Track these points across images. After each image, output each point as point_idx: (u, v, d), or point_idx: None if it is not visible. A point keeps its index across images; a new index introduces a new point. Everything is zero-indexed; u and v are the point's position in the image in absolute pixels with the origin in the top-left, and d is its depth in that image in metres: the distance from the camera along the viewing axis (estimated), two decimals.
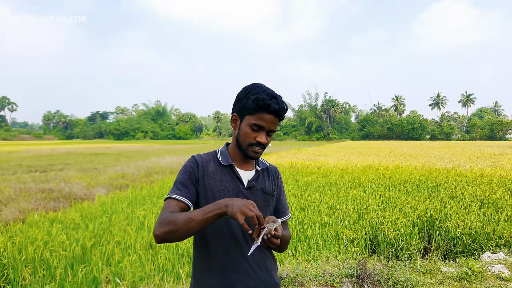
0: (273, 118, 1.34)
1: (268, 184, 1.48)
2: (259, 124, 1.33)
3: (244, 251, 1.36)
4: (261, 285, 1.39)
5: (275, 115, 1.34)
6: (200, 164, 1.39)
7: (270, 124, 1.34)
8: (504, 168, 13.05)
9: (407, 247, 4.75)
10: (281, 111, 1.34)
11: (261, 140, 1.34)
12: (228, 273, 1.35)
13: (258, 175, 1.45)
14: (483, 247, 4.88)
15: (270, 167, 1.55)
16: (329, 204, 7.00)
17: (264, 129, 1.34)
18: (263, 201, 1.43)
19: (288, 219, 1.60)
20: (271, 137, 1.40)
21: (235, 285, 1.35)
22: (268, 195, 1.46)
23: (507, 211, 6.17)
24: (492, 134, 78.30)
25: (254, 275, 1.38)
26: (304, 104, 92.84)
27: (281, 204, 1.56)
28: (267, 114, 1.32)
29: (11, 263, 4.02)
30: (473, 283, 3.46)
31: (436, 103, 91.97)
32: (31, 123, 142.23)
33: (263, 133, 1.35)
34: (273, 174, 1.54)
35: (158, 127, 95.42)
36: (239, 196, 1.37)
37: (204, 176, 1.37)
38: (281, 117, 1.37)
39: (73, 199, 8.17)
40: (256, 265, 1.39)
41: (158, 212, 6.35)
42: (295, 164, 15.49)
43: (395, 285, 3.39)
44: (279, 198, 1.55)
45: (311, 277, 3.42)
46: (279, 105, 1.32)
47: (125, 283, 3.57)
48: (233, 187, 1.37)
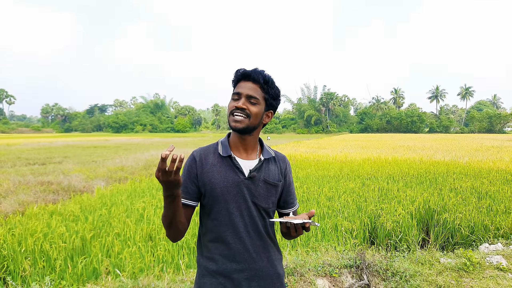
0: (251, 84, 1.36)
1: (272, 174, 1.45)
2: (237, 91, 1.37)
3: (244, 241, 1.37)
4: (261, 274, 1.40)
5: (252, 80, 1.36)
6: (198, 159, 1.40)
7: (247, 90, 1.35)
8: (502, 161, 13.10)
9: (405, 239, 4.78)
10: (254, 74, 1.36)
11: (238, 105, 1.33)
12: (229, 262, 1.36)
13: (261, 165, 1.43)
14: (481, 238, 4.91)
15: (278, 156, 1.52)
16: (328, 196, 7.02)
17: (241, 95, 1.36)
18: (265, 191, 1.42)
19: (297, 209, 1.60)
20: (258, 108, 1.37)
21: (235, 274, 1.36)
22: (271, 186, 1.43)
23: (505, 203, 6.20)
24: (490, 127, 78.36)
25: (254, 265, 1.38)
26: (303, 97, 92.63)
27: (291, 195, 1.54)
28: (243, 82, 1.37)
29: (11, 254, 4.02)
30: (471, 273, 3.48)
31: (435, 96, 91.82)
32: (29, 116, 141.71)
33: (241, 100, 1.35)
34: (281, 163, 1.51)
35: (157, 120, 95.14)
36: (239, 186, 1.37)
37: (202, 170, 1.38)
38: (258, 82, 1.36)
39: (72, 192, 8.18)
40: (257, 254, 1.39)
41: (158, 204, 6.36)
42: (294, 157, 15.52)
43: (394, 275, 3.41)
44: (289, 189, 1.53)
45: (310, 268, 3.44)
46: (252, 70, 1.37)
47: (125, 274, 3.58)
48: (232, 178, 1.37)
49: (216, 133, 79.66)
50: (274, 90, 1.40)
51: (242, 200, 1.37)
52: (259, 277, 1.39)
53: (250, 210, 1.38)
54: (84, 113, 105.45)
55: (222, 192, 1.35)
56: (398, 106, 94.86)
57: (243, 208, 1.37)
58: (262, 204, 1.41)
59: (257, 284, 1.38)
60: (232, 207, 1.36)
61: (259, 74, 1.36)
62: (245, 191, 1.37)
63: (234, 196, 1.36)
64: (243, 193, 1.37)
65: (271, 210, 1.46)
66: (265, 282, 1.40)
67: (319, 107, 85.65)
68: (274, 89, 1.40)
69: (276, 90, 1.41)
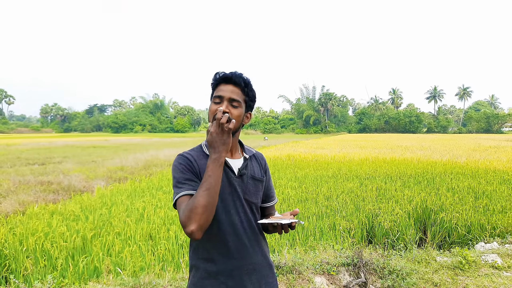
0: (231, 87, 1.38)
1: (257, 171, 1.53)
2: (218, 94, 1.38)
3: (241, 238, 1.42)
4: (258, 268, 1.46)
5: (231, 83, 1.38)
6: (192, 159, 1.40)
7: (229, 93, 1.37)
8: (499, 161, 13.17)
9: (402, 238, 4.84)
10: (234, 76, 1.38)
11: (223, 109, 1.34)
12: (228, 260, 1.40)
13: (247, 163, 1.50)
14: (477, 237, 4.97)
15: (256, 154, 1.60)
16: (326, 196, 7.07)
17: (223, 99, 1.37)
18: (253, 187, 1.49)
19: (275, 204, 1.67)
20: (240, 111, 1.40)
21: (234, 271, 1.40)
22: (258, 181, 1.51)
23: (501, 203, 6.27)
24: (488, 127, 78.47)
25: (251, 259, 1.44)
26: (302, 98, 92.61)
27: (270, 189, 1.62)
28: (223, 85, 1.39)
29: (12, 254, 4.06)
30: (466, 271, 3.54)
31: (433, 96, 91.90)
32: (29, 116, 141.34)
33: (224, 104, 1.37)
34: (260, 161, 1.60)
35: (156, 120, 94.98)
36: (232, 184, 1.42)
37: (199, 169, 1.39)
38: (238, 85, 1.39)
39: (72, 192, 8.21)
40: (253, 249, 1.45)
41: (158, 204, 6.41)
42: (293, 157, 15.56)
43: (391, 273, 3.47)
44: (268, 184, 1.61)
45: (309, 266, 3.49)
46: (232, 73, 1.39)
47: (126, 272, 3.63)
48: (225, 177, 1.41)
49: None
50: (253, 92, 1.45)
51: (236, 197, 1.43)
52: (256, 270, 1.45)
53: (244, 207, 1.44)
54: (83, 113, 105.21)
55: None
56: (396, 106, 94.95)
57: (238, 205, 1.43)
58: (253, 200, 1.48)
59: (256, 277, 1.45)
60: (228, 205, 1.41)
61: (240, 78, 1.39)
62: (238, 188, 1.43)
63: (229, 195, 1.41)
64: (237, 190, 1.43)
65: (259, 205, 1.54)
66: (261, 274, 1.47)
67: (317, 107, 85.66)
68: (252, 91, 1.45)
69: (254, 92, 1.46)
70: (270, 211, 1.62)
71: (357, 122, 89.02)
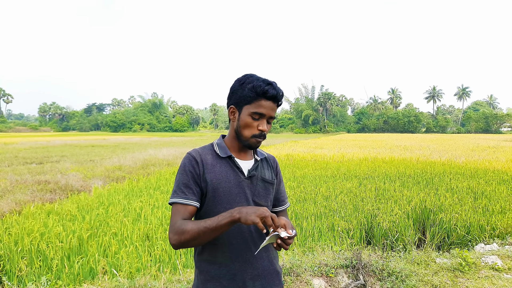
0: (271, 104, 1.35)
1: (267, 173, 1.50)
2: (259, 111, 1.34)
3: (247, 241, 1.38)
4: (263, 274, 1.41)
5: (273, 101, 1.35)
6: (199, 160, 1.38)
7: (270, 111, 1.35)
8: (498, 161, 13.16)
9: (402, 239, 4.80)
10: (278, 96, 1.36)
11: (263, 128, 1.35)
12: (231, 263, 1.36)
13: (258, 165, 1.47)
14: (477, 238, 4.94)
15: (268, 156, 1.57)
16: (325, 196, 7.04)
17: (264, 117, 1.36)
18: (263, 190, 1.45)
19: (287, 208, 1.63)
20: (271, 125, 1.41)
21: (238, 275, 1.36)
22: (268, 184, 1.47)
23: (500, 203, 6.24)
24: (487, 127, 78.65)
25: (257, 264, 1.40)
26: (301, 97, 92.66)
27: (281, 193, 1.59)
28: (265, 100, 1.34)
29: (7, 254, 4.01)
30: (466, 273, 3.51)
31: (432, 96, 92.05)
32: (27, 115, 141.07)
33: (263, 121, 1.36)
34: (272, 163, 1.57)
35: (155, 120, 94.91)
36: (241, 185, 1.39)
37: (204, 171, 1.37)
38: (278, 102, 1.38)
39: (69, 191, 8.16)
40: (259, 254, 1.40)
41: (155, 204, 6.36)
42: (292, 157, 15.53)
43: (390, 275, 3.43)
44: (279, 188, 1.57)
45: (307, 268, 3.45)
46: (276, 90, 1.34)
47: (121, 274, 3.58)
48: (234, 178, 1.38)
49: (214, 133, 79.60)
50: (282, 99, 1.44)
51: (244, 199, 1.38)
52: (261, 276, 1.40)
53: None
54: (82, 112, 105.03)
55: (225, 192, 1.36)
56: (395, 106, 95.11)
57: None
58: (262, 202, 1.43)
59: (260, 283, 1.39)
60: (234, 207, 1.36)
61: (281, 96, 1.38)
62: (247, 190, 1.39)
63: (236, 196, 1.37)
64: (245, 192, 1.39)
65: (269, 209, 1.49)
66: (266, 281, 1.42)
67: (316, 107, 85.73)
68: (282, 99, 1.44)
69: None
70: (281, 216, 1.57)
71: (356, 122, 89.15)
